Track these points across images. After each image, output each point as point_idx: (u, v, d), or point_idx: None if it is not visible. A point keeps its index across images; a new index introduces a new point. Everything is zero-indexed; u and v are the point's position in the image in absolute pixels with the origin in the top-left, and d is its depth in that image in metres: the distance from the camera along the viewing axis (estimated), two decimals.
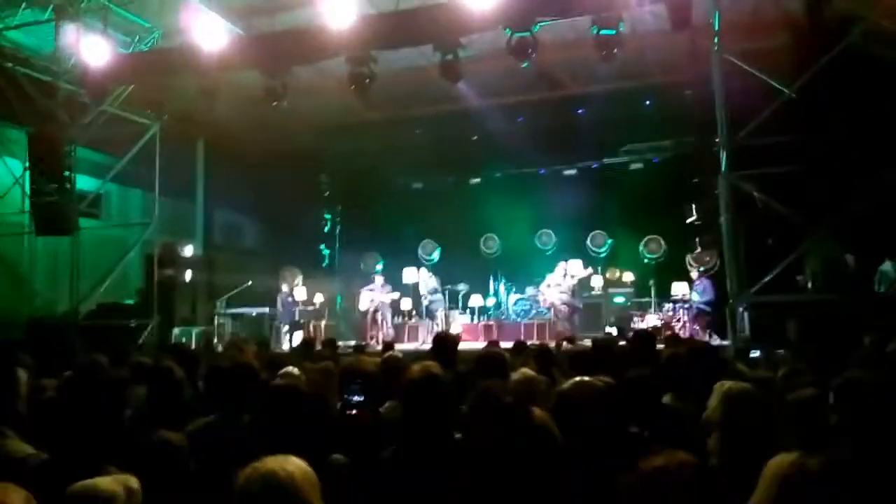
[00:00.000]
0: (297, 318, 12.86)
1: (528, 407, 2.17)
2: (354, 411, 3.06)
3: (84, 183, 11.53)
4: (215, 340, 11.22)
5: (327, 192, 16.51)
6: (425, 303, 13.24)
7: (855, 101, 8.97)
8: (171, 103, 11.21)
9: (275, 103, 9.99)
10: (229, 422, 2.94)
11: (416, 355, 4.92)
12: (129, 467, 2.05)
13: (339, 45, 9.13)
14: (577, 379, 2.56)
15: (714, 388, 2.44)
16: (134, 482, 1.92)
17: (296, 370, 3.86)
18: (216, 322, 12.38)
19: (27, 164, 10.67)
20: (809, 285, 9.57)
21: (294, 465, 1.69)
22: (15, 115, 10.48)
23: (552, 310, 12.42)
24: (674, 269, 13.01)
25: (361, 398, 3.13)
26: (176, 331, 11.39)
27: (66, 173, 10.41)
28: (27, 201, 10.86)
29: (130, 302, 11.89)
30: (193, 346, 10.23)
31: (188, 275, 12.56)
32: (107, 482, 1.86)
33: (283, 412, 2.51)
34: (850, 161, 9.01)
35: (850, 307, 8.15)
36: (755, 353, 6.96)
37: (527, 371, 3.48)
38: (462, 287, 14.14)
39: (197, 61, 9.44)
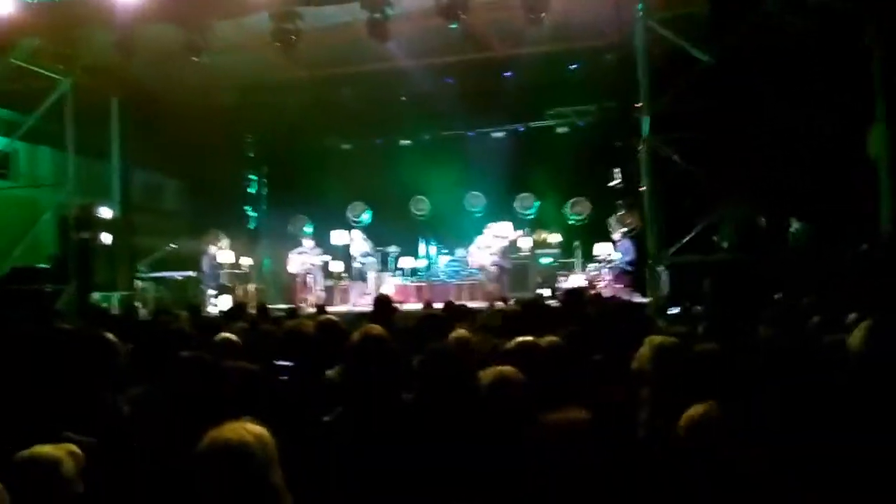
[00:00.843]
0: (223, 281, 12.61)
1: (473, 368, 2.24)
2: (285, 377, 3.07)
3: None
4: (139, 305, 10.88)
5: (252, 153, 16.07)
6: (356, 265, 13.22)
7: (769, 68, 9.38)
8: (83, 57, 10.59)
9: (194, 59, 9.65)
10: (162, 390, 2.91)
11: (354, 317, 4.96)
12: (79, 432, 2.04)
13: (261, 1, 8.86)
14: (521, 339, 2.66)
15: (644, 341, 2.58)
16: (77, 448, 1.91)
17: (233, 336, 3.82)
18: (138, 286, 12.01)
19: None
20: (724, 246, 10.06)
21: (250, 430, 1.72)
22: None
23: (482, 271, 12.65)
24: (598, 230, 13.41)
25: (291, 363, 3.14)
26: (96, 296, 10.98)
27: None
28: None
29: (45, 266, 11.35)
30: (115, 312, 9.91)
31: (106, 237, 12.07)
32: (50, 449, 1.85)
33: (192, 383, 2.50)
34: (764, 127, 9.46)
35: (762, 266, 8.65)
36: (673, 310, 7.33)
37: (462, 332, 3.58)
38: (393, 249, 14.15)
39: (111, 13, 8.97)
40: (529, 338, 2.69)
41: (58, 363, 2.63)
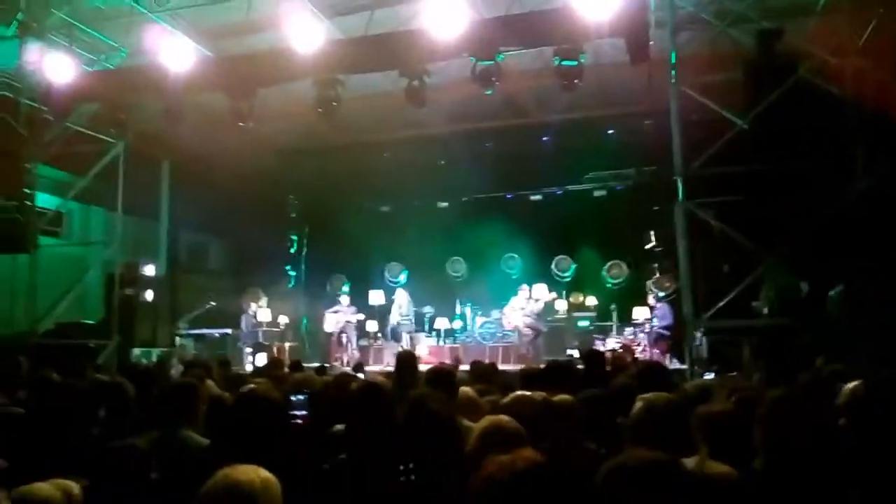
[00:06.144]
0: (260, 339, 12.78)
1: (453, 416, 2.23)
2: (298, 421, 3.11)
3: (45, 201, 11.38)
4: (175, 361, 11.08)
5: (294, 214, 16.47)
6: (393, 324, 13.26)
7: (804, 132, 9.31)
8: (136, 122, 11.14)
9: (241, 125, 10.05)
10: (169, 436, 2.96)
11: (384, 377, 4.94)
12: (87, 475, 2.09)
13: (306, 69, 9.24)
14: (518, 393, 2.64)
15: (637, 398, 2.55)
16: (75, 487, 1.95)
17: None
18: (177, 343, 12.25)
19: None
20: (765, 311, 9.81)
21: (259, 474, 1.75)
22: None
23: (516, 333, 12.55)
24: (635, 293, 13.27)
25: (304, 412, 3.18)
26: (136, 351, 11.23)
27: (26, 190, 10.29)
28: None
29: (90, 322, 11.69)
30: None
31: (150, 295, 12.41)
32: (45, 487, 1.90)
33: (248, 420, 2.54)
34: (801, 190, 9.33)
35: (804, 332, 8.39)
36: (708, 376, 7.14)
37: (467, 390, 3.56)
38: (428, 310, 14.19)
39: (163, 81, 9.45)
40: (526, 392, 2.67)
41: (71, 409, 2.72)
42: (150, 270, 12.95)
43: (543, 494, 1.48)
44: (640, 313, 12.16)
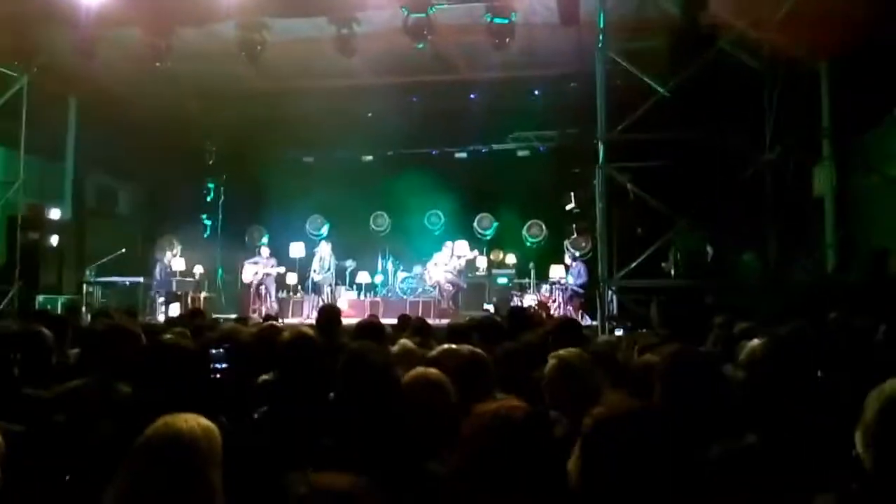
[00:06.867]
0: (174, 288, 12.42)
1: (392, 368, 2.29)
2: (218, 375, 3.09)
3: None
4: (83, 309, 10.65)
5: (211, 161, 15.87)
6: (316, 278, 13.15)
7: (721, 103, 9.71)
8: (42, 55, 10.42)
9: (157, 64, 9.59)
10: (102, 385, 2.89)
11: None
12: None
13: (229, 10, 8.87)
14: (445, 346, 2.72)
15: (550, 355, 2.70)
16: None
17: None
18: (84, 290, 11.76)
19: None
20: (672, 272, 10.32)
21: (200, 422, 1.74)
22: None
23: (437, 288, 12.72)
24: (553, 252, 13.65)
25: (224, 365, 3.16)
26: (40, 298, 10.73)
27: None
28: None
29: None
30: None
31: (54, 240, 11.82)
32: None
33: (167, 370, 2.50)
34: (714, 159, 9.77)
35: (707, 293, 8.91)
36: (618, 332, 7.50)
37: (406, 343, 3.63)
38: (350, 263, 14.14)
39: (74, 13, 8.87)
40: (453, 345, 2.76)
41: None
42: (55, 214, 12.30)
43: (535, 441, 1.57)
44: (556, 272, 12.56)
